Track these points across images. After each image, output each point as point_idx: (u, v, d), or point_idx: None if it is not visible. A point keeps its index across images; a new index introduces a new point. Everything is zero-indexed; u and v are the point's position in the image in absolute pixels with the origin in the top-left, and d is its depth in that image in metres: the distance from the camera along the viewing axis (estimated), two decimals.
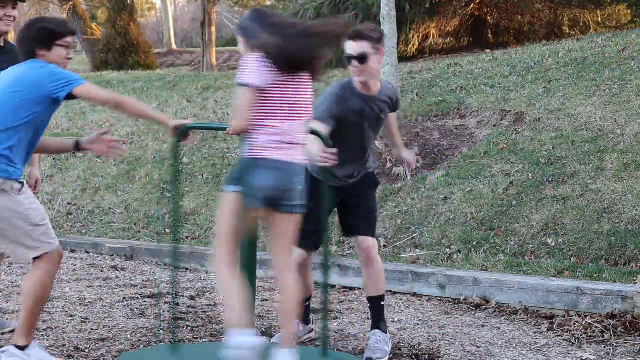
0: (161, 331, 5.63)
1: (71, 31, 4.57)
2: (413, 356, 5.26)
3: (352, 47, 5.05)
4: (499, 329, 5.83)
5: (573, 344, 5.50)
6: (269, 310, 6.36)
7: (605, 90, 9.33)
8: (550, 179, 7.86)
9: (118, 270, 7.82)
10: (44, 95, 4.42)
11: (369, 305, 5.38)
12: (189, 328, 5.80)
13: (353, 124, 5.10)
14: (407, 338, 5.64)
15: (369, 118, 5.16)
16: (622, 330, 5.65)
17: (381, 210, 8.20)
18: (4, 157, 4.45)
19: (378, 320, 5.26)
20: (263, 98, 4.21)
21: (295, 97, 4.29)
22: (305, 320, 5.61)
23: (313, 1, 14.93)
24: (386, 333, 5.26)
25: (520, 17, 16.41)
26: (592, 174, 7.78)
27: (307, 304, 5.57)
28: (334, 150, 4.61)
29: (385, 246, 7.68)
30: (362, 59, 5.03)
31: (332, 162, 4.58)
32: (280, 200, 4.29)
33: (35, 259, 4.53)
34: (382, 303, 5.32)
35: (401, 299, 6.67)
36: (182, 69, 24.52)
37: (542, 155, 8.28)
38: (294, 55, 4.22)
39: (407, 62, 13.68)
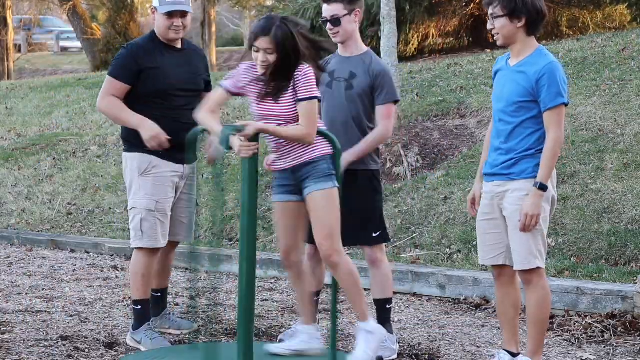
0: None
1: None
2: (413, 356, 5.26)
3: (325, 10, 5.15)
4: (499, 329, 5.82)
5: (573, 344, 5.50)
6: (269, 310, 6.36)
7: (605, 90, 9.32)
8: None
9: (118, 270, 7.82)
10: None
11: (374, 307, 5.35)
12: None
13: (328, 85, 5.11)
14: (407, 338, 5.64)
15: (341, 80, 5.12)
16: (622, 330, 5.66)
17: None
18: None
19: (383, 322, 5.19)
20: None
21: None
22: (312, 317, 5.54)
23: (313, 0, 14.90)
24: (392, 334, 5.24)
25: None
26: (592, 174, 7.78)
27: (315, 299, 5.50)
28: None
29: (385, 246, 7.67)
30: (334, 21, 5.09)
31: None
32: None
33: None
34: (388, 306, 5.26)
35: (401, 299, 6.67)
36: None
37: None
38: None
39: (407, 62, 13.67)
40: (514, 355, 4.72)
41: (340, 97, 5.13)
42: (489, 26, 4.63)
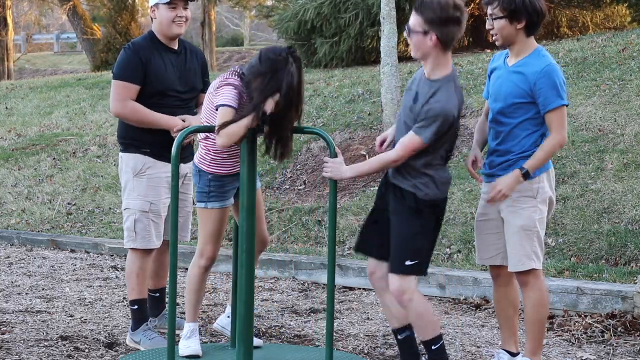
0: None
1: None
2: None
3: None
4: (499, 328, 5.82)
5: (573, 344, 5.50)
6: (268, 310, 6.36)
7: (605, 90, 9.33)
8: None
9: (118, 270, 7.82)
10: None
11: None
12: None
13: None
14: None
15: None
16: (622, 330, 5.66)
17: None
18: None
19: None
20: None
21: None
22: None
23: (313, 1, 14.90)
24: None
25: None
26: (592, 174, 7.78)
27: None
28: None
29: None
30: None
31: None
32: None
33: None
34: (433, 347, 4.43)
35: None
36: None
37: None
38: None
39: (407, 62, 13.67)
40: (513, 355, 4.72)
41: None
42: (487, 26, 4.59)
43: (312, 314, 6.27)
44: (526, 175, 4.45)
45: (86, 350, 5.26)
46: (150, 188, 5.27)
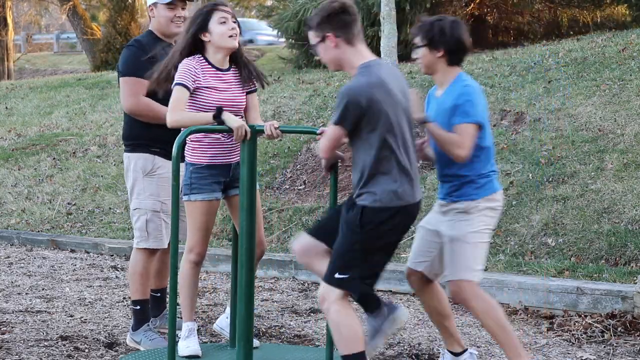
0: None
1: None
2: (413, 356, 5.27)
3: None
4: None
5: (573, 344, 5.50)
6: (268, 310, 6.36)
7: (605, 90, 9.32)
8: (550, 179, 7.86)
9: (118, 270, 7.82)
10: None
11: None
12: None
13: None
14: (407, 338, 5.64)
15: None
16: (622, 330, 5.66)
17: None
18: None
19: None
20: None
21: None
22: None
23: (313, 0, 14.91)
24: None
25: (520, 17, 16.39)
26: (592, 174, 7.78)
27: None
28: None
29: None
30: None
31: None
32: None
33: None
34: None
35: (401, 299, 6.67)
36: None
37: (542, 155, 8.28)
38: None
39: (407, 62, 13.67)
40: (456, 354, 4.69)
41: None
42: (413, 55, 4.69)
43: (312, 314, 6.27)
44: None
45: (86, 350, 5.26)
46: (161, 188, 5.25)
